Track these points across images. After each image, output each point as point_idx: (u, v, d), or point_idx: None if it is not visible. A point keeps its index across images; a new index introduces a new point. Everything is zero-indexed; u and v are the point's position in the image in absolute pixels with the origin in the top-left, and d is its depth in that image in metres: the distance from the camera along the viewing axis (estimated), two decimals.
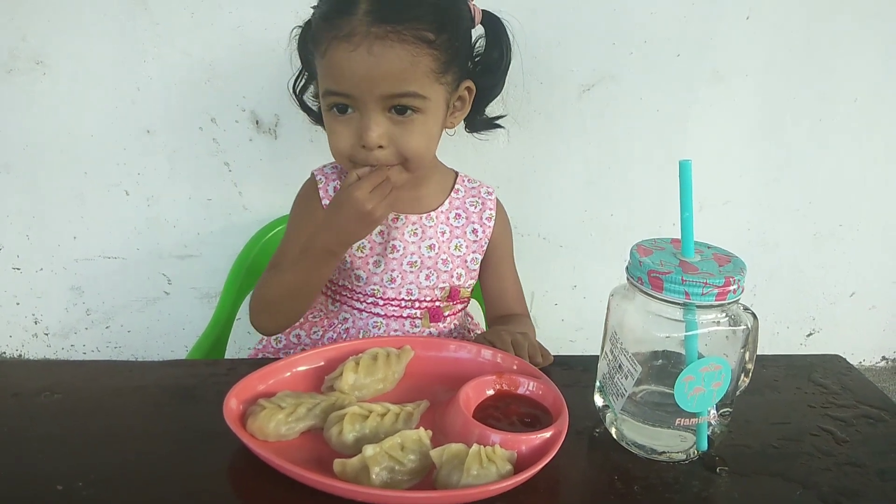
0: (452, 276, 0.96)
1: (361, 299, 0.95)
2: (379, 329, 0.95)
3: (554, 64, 1.43)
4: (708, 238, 0.64)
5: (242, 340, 1.59)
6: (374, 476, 0.54)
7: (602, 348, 0.66)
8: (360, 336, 0.96)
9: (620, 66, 1.44)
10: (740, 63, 1.47)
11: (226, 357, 1.19)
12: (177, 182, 1.49)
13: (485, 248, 0.98)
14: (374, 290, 0.94)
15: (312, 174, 0.97)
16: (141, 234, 1.54)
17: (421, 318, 0.96)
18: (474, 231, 0.97)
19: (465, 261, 0.97)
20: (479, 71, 0.92)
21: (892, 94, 1.53)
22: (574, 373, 0.76)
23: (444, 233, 0.96)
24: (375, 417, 0.62)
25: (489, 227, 0.98)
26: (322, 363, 0.72)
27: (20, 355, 1.70)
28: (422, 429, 0.59)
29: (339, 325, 0.97)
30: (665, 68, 1.45)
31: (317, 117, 0.97)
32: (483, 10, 0.91)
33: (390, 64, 0.77)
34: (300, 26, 0.92)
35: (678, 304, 0.57)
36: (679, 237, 0.61)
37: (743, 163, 1.57)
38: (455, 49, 0.83)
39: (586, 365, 0.73)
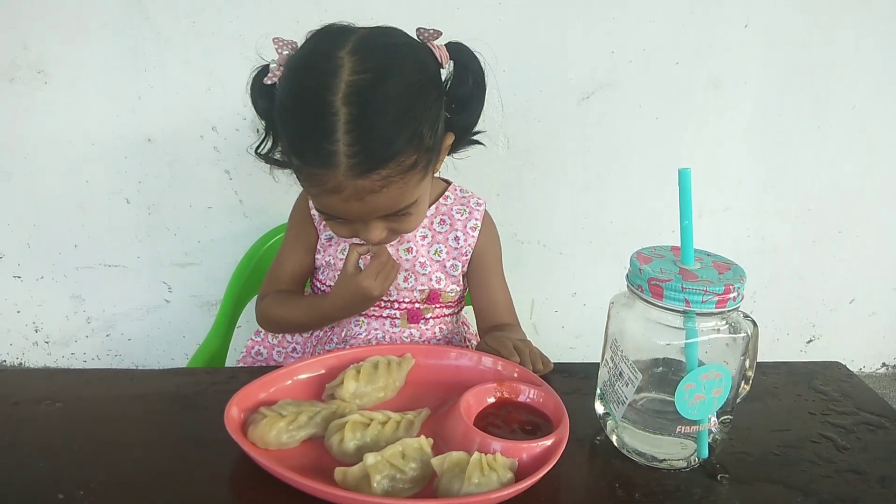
0: (431, 280, 0.96)
1: None
2: (360, 327, 0.97)
3: (554, 72, 1.43)
4: (707, 245, 0.64)
5: (243, 348, 1.59)
6: (375, 484, 0.54)
7: (602, 356, 0.66)
8: (344, 334, 0.97)
9: (619, 74, 1.45)
10: (739, 70, 1.47)
11: (226, 365, 1.19)
12: (177, 190, 1.49)
13: (467, 256, 0.98)
14: None
15: None
16: (142, 242, 1.55)
17: (399, 319, 0.97)
18: (456, 238, 0.97)
19: (445, 266, 0.97)
20: (455, 108, 0.86)
21: (889, 101, 1.54)
22: (575, 380, 0.76)
23: (424, 237, 0.96)
24: (376, 426, 0.62)
25: (472, 236, 0.97)
26: (323, 371, 0.72)
27: (20, 363, 1.70)
28: (423, 437, 0.59)
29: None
30: (664, 76, 1.45)
31: (288, 165, 0.88)
32: (448, 44, 0.84)
33: (384, 203, 0.77)
34: (257, 69, 0.83)
35: (678, 311, 0.57)
36: (679, 245, 0.61)
37: (742, 170, 1.57)
38: (436, 142, 0.80)
39: (587, 372, 0.73)
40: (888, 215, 1.67)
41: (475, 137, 0.99)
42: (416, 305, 0.97)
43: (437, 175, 0.98)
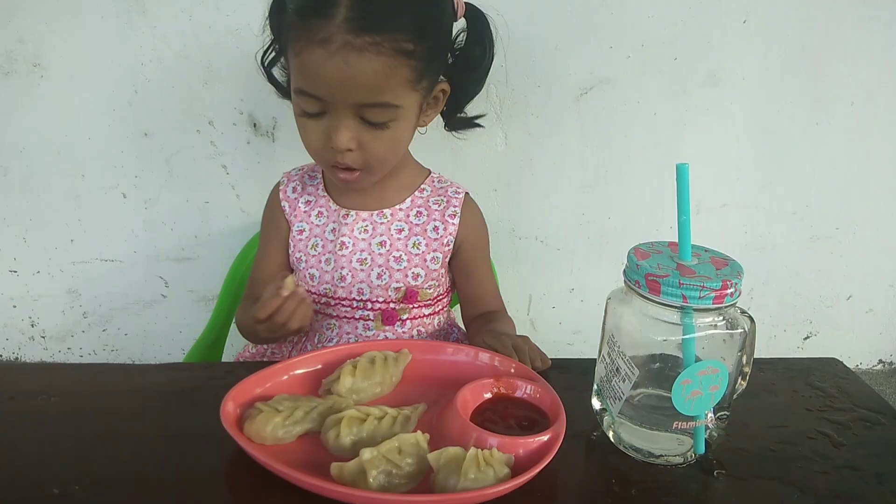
0: (408, 276, 0.93)
1: (316, 300, 0.94)
2: (332, 331, 0.94)
3: (551, 67, 1.43)
4: (705, 241, 0.64)
5: (239, 343, 1.58)
6: (371, 479, 0.54)
7: (599, 351, 0.66)
8: (317, 339, 0.95)
9: (618, 70, 1.44)
10: (737, 66, 1.47)
11: (223, 360, 1.18)
12: (174, 185, 1.49)
13: (449, 246, 0.94)
14: (326, 289, 0.94)
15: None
16: (138, 237, 1.54)
17: (373, 321, 0.94)
18: (435, 229, 0.94)
19: (425, 259, 0.93)
20: (458, 67, 0.89)
21: (887, 98, 1.54)
22: (572, 376, 0.76)
23: (401, 230, 0.94)
24: (373, 421, 0.62)
25: (452, 224, 0.94)
26: (319, 366, 0.72)
27: (17, 358, 1.70)
28: (419, 432, 0.59)
29: None
30: (662, 72, 1.45)
31: (285, 91, 0.93)
32: (467, 4, 0.88)
33: (366, 76, 0.75)
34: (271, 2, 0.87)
35: (675, 307, 0.57)
36: (676, 240, 0.61)
37: (739, 166, 1.57)
38: (434, 54, 0.81)
39: (584, 368, 0.73)
40: (886, 212, 1.67)
41: (476, 120, 1.00)
42: (392, 305, 0.94)
43: (421, 162, 0.98)
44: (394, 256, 0.93)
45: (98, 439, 0.63)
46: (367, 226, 0.93)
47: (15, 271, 1.59)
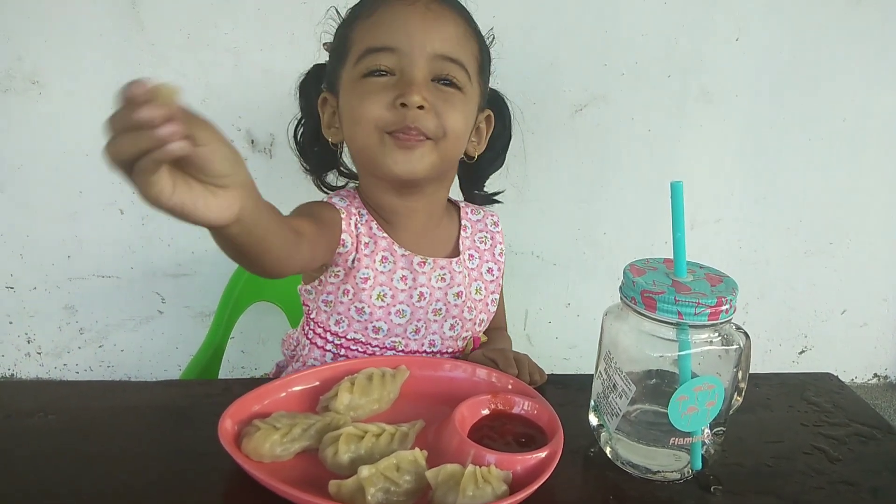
0: (476, 324, 0.89)
1: (378, 353, 0.85)
2: None
3: (547, 84, 1.45)
4: (699, 256, 0.65)
5: (236, 360, 1.59)
6: (369, 497, 0.54)
7: (596, 367, 0.66)
8: None
9: (612, 87, 1.46)
10: (730, 83, 1.49)
11: (219, 376, 1.18)
12: None
13: (501, 286, 0.93)
14: (395, 342, 0.85)
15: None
16: (135, 253, 1.54)
17: None
18: (489, 270, 0.91)
19: (487, 304, 0.91)
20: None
21: (879, 114, 1.55)
22: (569, 392, 0.76)
23: (465, 277, 0.88)
24: (371, 438, 0.62)
25: (502, 262, 0.92)
26: (317, 383, 0.72)
27: (13, 374, 1.69)
28: (417, 449, 0.59)
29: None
30: (656, 89, 1.47)
31: (315, 164, 0.91)
32: (490, 88, 0.89)
33: (447, 25, 0.77)
34: (305, 72, 0.89)
35: (671, 323, 0.58)
36: (671, 257, 0.62)
37: (733, 181, 1.59)
38: (485, 69, 0.84)
39: (581, 384, 0.73)
40: (879, 226, 1.68)
41: (495, 196, 1.00)
42: (457, 355, 0.89)
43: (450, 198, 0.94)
44: (468, 307, 0.87)
45: (95, 457, 0.63)
46: (444, 274, 0.86)
47: (11, 287, 1.59)
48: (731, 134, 1.54)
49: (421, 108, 0.74)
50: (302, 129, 0.91)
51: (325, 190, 0.94)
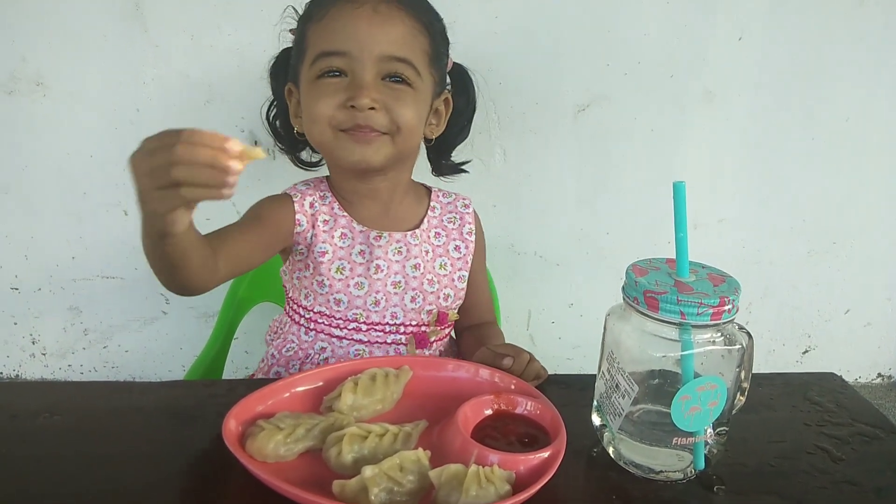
0: (439, 298, 0.93)
1: (342, 325, 0.90)
2: (362, 356, 0.91)
3: (549, 84, 1.45)
4: (702, 256, 0.65)
5: (240, 360, 1.59)
6: (373, 497, 0.54)
7: (599, 367, 0.66)
8: None
9: (614, 87, 1.46)
10: (732, 83, 1.49)
11: (223, 377, 1.18)
12: None
13: (469, 263, 0.97)
14: (356, 314, 0.89)
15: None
16: (139, 254, 1.53)
17: (406, 345, 0.92)
18: (457, 248, 0.96)
19: (453, 279, 0.95)
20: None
21: (882, 113, 1.55)
22: (572, 392, 0.77)
23: (427, 252, 0.93)
24: (374, 438, 0.62)
25: (471, 241, 0.97)
26: (321, 384, 0.72)
27: (17, 375, 1.70)
28: (420, 449, 0.59)
29: (317, 356, 0.91)
30: (658, 89, 1.47)
31: (288, 144, 0.98)
32: (454, 63, 0.95)
33: (394, 26, 0.80)
34: (275, 56, 0.95)
35: (674, 323, 0.58)
36: (674, 257, 0.62)
37: (736, 181, 1.58)
38: (438, 52, 0.86)
39: (584, 384, 0.73)
40: (882, 226, 1.68)
41: (462, 166, 1.04)
42: (423, 328, 0.93)
43: (421, 181, 1.00)
44: (427, 279, 0.91)
45: (100, 457, 0.63)
46: (400, 247, 0.91)
47: (16, 288, 1.59)
48: (733, 134, 1.53)
49: (372, 108, 0.80)
50: (275, 112, 0.97)
51: (301, 166, 1.02)
